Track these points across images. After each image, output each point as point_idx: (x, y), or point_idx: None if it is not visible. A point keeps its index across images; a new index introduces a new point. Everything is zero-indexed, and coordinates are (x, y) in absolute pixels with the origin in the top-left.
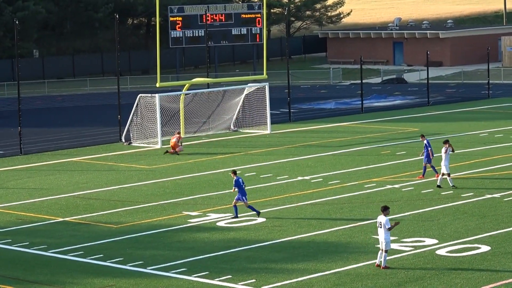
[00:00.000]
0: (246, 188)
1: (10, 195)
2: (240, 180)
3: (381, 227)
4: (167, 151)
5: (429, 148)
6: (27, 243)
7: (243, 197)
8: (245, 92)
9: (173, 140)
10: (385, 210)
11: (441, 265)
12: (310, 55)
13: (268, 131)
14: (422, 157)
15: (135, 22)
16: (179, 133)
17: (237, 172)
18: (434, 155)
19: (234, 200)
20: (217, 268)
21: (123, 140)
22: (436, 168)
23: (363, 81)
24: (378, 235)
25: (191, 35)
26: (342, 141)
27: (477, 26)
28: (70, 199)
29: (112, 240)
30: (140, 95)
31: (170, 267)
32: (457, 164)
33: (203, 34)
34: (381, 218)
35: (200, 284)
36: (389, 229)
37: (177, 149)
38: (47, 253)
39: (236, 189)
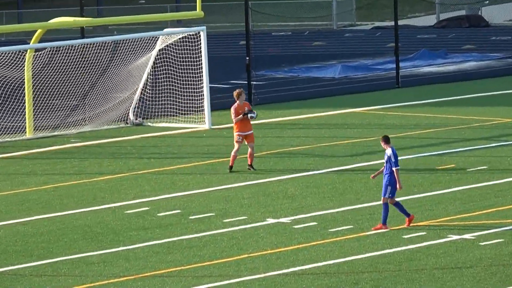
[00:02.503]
0: (161, 241)
1: None
2: None
3: None
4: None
5: (393, 167)
6: None
7: None
8: (159, 46)
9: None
10: None
11: None
12: None
13: (206, 125)
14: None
15: None
16: (240, 94)
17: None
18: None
19: None
20: None
21: None
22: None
23: (400, 22)
24: None
25: None
26: (355, 145)
27: None
28: None
29: None
30: None
31: None
32: None
33: None
34: None
35: None
36: None
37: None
38: None
39: None
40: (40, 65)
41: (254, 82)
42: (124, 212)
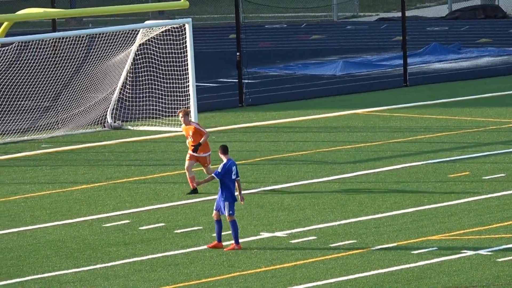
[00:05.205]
0: (144, 257)
1: None
2: None
3: None
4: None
5: (214, 174)
6: None
7: None
8: (139, 40)
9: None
10: None
11: None
12: None
13: None
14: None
15: None
16: (184, 113)
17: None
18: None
19: None
20: None
21: None
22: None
23: (408, 13)
24: None
25: None
26: (359, 151)
27: None
28: None
29: None
30: None
31: None
32: None
33: None
34: None
35: None
36: None
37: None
38: None
39: None
40: (6, 62)
41: (246, 81)
42: (102, 226)
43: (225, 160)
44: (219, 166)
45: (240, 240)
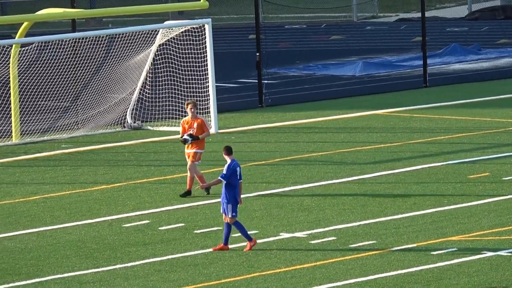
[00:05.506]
0: (163, 258)
1: None
2: None
3: None
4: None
5: (221, 177)
6: None
7: None
8: (158, 41)
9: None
10: None
11: None
12: None
13: (212, 129)
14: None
15: None
16: (193, 105)
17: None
18: None
19: None
20: None
21: None
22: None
23: (428, 14)
24: None
25: None
26: (379, 151)
27: None
28: None
29: None
30: None
31: None
32: None
33: None
34: None
35: None
36: None
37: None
38: None
39: None
40: (26, 62)
41: (265, 81)
42: (122, 226)
43: (229, 161)
44: (224, 168)
45: (260, 241)
